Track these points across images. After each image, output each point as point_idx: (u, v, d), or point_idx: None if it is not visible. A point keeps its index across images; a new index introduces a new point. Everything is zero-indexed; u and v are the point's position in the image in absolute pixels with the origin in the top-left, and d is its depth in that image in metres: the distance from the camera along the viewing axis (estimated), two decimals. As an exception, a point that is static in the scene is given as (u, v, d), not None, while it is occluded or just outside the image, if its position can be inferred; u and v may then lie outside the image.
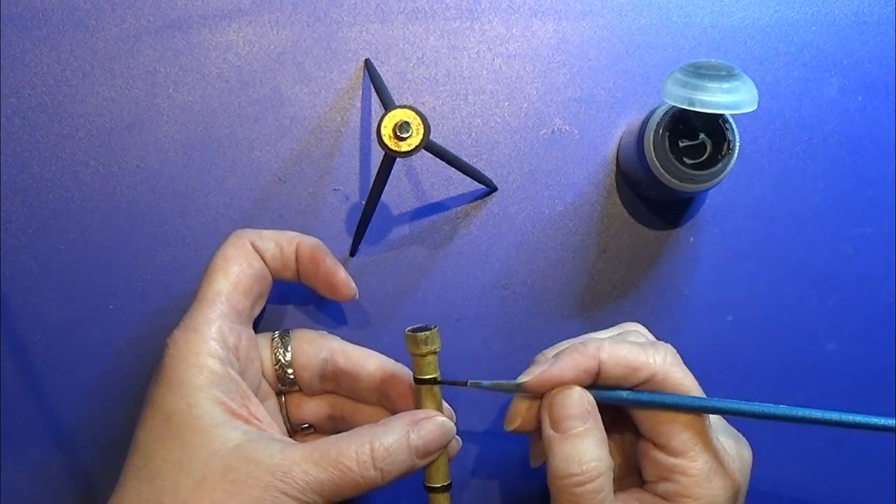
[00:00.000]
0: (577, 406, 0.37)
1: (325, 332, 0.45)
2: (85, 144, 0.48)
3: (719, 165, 0.43)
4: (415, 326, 0.40)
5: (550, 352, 0.41)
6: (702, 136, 0.44)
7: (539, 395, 0.39)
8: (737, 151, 0.43)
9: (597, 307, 0.49)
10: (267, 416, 0.39)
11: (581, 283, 0.49)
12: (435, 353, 0.40)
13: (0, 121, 0.48)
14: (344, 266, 0.49)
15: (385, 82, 0.48)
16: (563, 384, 0.38)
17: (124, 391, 0.48)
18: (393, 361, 0.43)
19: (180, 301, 0.48)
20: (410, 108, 0.39)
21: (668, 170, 0.43)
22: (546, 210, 0.49)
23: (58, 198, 0.48)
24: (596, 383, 0.38)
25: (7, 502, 0.47)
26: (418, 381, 0.40)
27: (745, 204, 0.49)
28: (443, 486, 0.41)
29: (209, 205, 0.49)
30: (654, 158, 0.43)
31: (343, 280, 0.44)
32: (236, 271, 0.40)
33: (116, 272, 0.48)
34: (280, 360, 0.43)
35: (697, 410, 0.37)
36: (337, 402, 0.44)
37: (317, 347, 0.43)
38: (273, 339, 0.43)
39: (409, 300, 0.49)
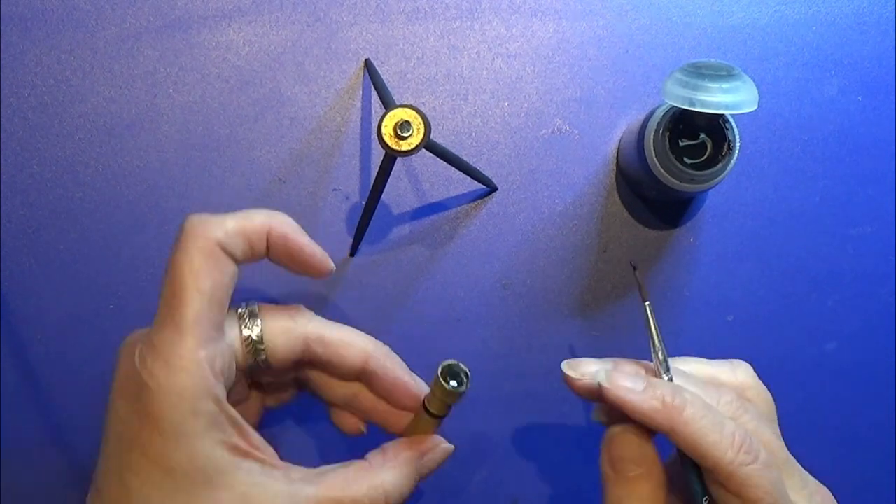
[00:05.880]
0: (635, 449, 0.37)
1: (296, 309, 0.40)
2: (85, 144, 0.48)
3: (719, 165, 0.43)
4: (449, 368, 0.37)
5: (682, 363, 0.40)
6: (702, 135, 0.44)
7: (605, 401, 0.38)
8: (737, 151, 0.43)
9: (597, 307, 0.49)
10: (261, 440, 0.37)
11: (581, 283, 0.49)
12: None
13: (0, 121, 0.48)
14: (344, 266, 0.49)
15: (385, 82, 0.48)
16: (630, 416, 0.36)
17: (124, 391, 0.48)
18: (376, 350, 0.40)
19: (180, 301, 0.48)
20: (411, 107, 0.39)
21: (668, 170, 0.43)
22: (546, 210, 0.49)
23: (58, 198, 0.48)
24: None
25: (7, 502, 0.47)
26: (429, 413, 0.38)
27: (745, 204, 0.49)
28: (437, 415, 0.39)
29: (209, 205, 0.48)
30: (654, 158, 0.43)
31: (318, 256, 0.39)
32: (210, 285, 0.35)
33: (116, 272, 0.48)
34: (256, 360, 0.38)
35: None
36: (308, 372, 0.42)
37: (292, 339, 0.38)
38: (245, 341, 0.38)
39: (409, 300, 0.49)
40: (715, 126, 0.43)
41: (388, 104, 0.44)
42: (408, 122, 0.38)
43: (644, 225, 0.50)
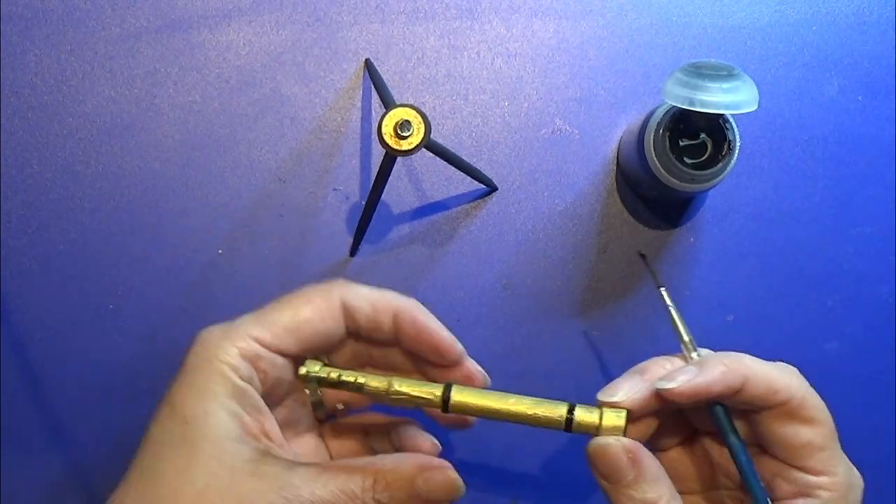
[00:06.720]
0: (621, 459, 0.37)
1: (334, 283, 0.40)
2: (85, 144, 0.48)
3: (719, 165, 0.43)
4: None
5: (657, 365, 0.39)
6: (702, 135, 0.44)
7: (677, 402, 0.38)
8: (737, 151, 0.43)
9: (597, 307, 0.49)
10: (279, 434, 0.38)
11: (581, 283, 0.49)
12: None
13: (0, 121, 0.48)
14: (344, 266, 0.49)
15: (385, 82, 0.48)
16: (710, 396, 0.37)
17: (124, 391, 0.48)
18: (406, 304, 0.40)
19: (180, 300, 0.48)
20: (411, 106, 0.39)
21: (669, 170, 0.43)
22: (546, 210, 0.49)
23: (58, 198, 0.48)
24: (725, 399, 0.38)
25: (7, 502, 0.47)
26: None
27: (745, 204, 0.49)
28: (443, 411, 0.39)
29: (209, 205, 0.48)
30: (655, 158, 0.43)
31: (448, 341, 0.40)
32: (306, 317, 0.38)
33: (116, 272, 0.48)
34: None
35: None
36: (359, 355, 0.42)
37: (336, 323, 0.39)
38: None
39: (410, 300, 0.49)
40: (715, 126, 0.43)
41: (388, 104, 0.44)
42: (408, 122, 0.38)
43: (644, 225, 0.50)
